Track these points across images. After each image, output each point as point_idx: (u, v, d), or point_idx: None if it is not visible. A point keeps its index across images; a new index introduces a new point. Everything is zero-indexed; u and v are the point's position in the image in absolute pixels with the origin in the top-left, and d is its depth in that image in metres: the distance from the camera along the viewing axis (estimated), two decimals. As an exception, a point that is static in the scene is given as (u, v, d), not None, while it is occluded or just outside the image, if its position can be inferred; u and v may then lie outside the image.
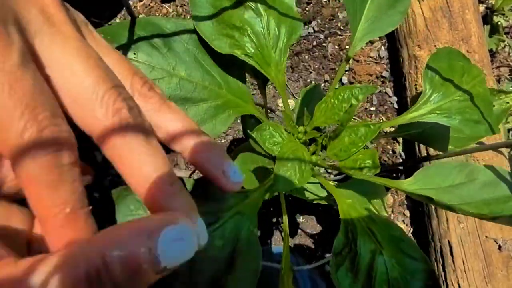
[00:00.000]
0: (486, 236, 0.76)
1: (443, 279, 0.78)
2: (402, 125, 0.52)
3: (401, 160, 0.83)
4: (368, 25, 0.38)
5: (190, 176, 0.75)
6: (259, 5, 0.35)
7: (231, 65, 0.36)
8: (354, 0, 0.36)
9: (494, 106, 0.50)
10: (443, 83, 0.39)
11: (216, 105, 0.32)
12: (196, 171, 0.76)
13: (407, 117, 0.39)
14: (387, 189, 0.81)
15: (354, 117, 0.84)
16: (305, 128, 0.37)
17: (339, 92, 0.34)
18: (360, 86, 0.34)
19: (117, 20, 0.88)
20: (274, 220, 0.78)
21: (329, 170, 0.67)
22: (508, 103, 0.51)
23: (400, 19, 0.38)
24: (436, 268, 0.80)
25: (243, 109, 0.34)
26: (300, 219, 0.78)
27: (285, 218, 0.35)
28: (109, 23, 0.82)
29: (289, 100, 0.82)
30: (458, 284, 0.76)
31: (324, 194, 0.55)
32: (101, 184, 0.73)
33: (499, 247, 0.76)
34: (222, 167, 0.21)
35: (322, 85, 0.85)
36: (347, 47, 0.86)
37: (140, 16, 0.86)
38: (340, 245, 0.31)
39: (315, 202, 0.53)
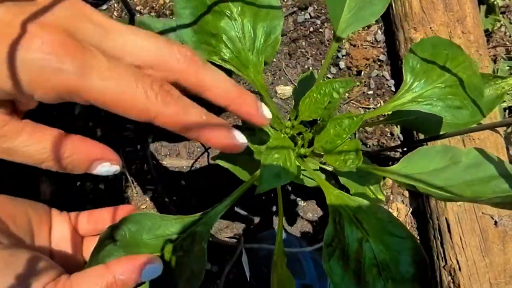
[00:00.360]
0: (482, 213, 0.78)
1: (442, 255, 0.81)
2: (395, 112, 0.53)
3: (399, 142, 0.84)
4: (350, 15, 0.39)
5: (192, 166, 0.78)
6: (233, 11, 0.36)
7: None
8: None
9: (489, 91, 0.51)
10: (425, 71, 0.40)
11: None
12: (198, 160, 0.78)
13: (390, 106, 0.40)
14: None
15: (352, 102, 0.86)
16: (292, 122, 0.38)
17: (321, 86, 0.35)
18: (341, 80, 0.35)
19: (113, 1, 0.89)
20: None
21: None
22: (504, 88, 0.51)
23: (384, 7, 0.39)
24: (435, 245, 0.82)
25: None
26: (302, 203, 0.80)
27: (280, 207, 0.37)
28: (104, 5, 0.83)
29: (287, 87, 0.84)
30: (457, 260, 0.79)
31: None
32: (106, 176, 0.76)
33: (495, 222, 0.78)
34: (255, 107, 0.29)
35: (320, 70, 0.87)
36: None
37: (138, 7, 0.87)
38: (330, 237, 0.33)
39: (312, 186, 0.55)
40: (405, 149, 0.84)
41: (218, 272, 0.80)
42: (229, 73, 0.38)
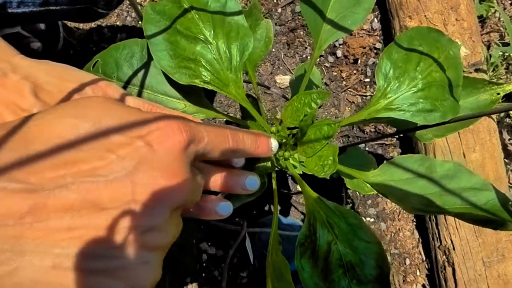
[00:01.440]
0: (475, 195, 0.81)
1: (437, 236, 0.85)
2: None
3: (395, 129, 0.87)
4: (331, 26, 0.40)
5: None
6: (207, 35, 0.38)
7: (191, 90, 0.40)
8: (313, 3, 0.38)
9: (484, 96, 0.49)
10: (397, 76, 0.40)
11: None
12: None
13: (364, 113, 0.41)
14: (381, 161, 0.86)
15: (350, 90, 0.88)
16: (277, 128, 0.40)
17: (301, 96, 0.37)
18: (318, 91, 0.37)
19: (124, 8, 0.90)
20: (285, 191, 0.84)
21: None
22: (499, 94, 0.49)
23: (365, 15, 0.40)
24: (430, 226, 0.86)
25: (204, 115, 0.40)
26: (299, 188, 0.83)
27: (275, 197, 0.39)
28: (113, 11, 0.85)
29: (285, 76, 0.86)
30: (451, 240, 0.83)
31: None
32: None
33: (488, 204, 0.81)
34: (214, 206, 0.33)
35: (318, 59, 0.89)
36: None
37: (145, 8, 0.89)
38: (303, 237, 0.35)
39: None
40: (401, 135, 0.87)
41: (223, 257, 0.84)
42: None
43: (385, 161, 0.41)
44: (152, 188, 0.22)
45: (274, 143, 0.36)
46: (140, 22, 0.93)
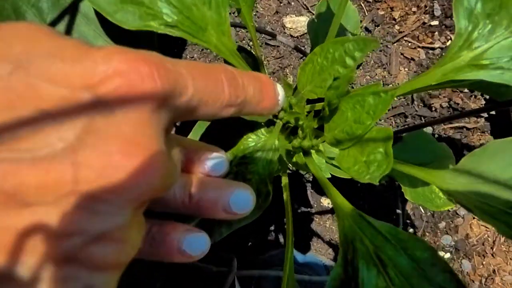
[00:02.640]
0: None
1: None
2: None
3: (483, 103, 0.55)
4: None
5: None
6: None
7: (140, 42, 0.29)
8: None
9: None
10: (489, 14, 0.27)
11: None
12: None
13: (436, 73, 0.28)
14: (459, 154, 0.55)
15: (406, 39, 0.59)
16: (289, 100, 0.27)
17: (328, 48, 0.27)
18: (356, 39, 0.25)
19: None
20: (302, 208, 0.55)
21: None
22: None
23: None
24: None
25: None
26: (327, 202, 0.53)
27: (288, 223, 0.27)
28: None
29: (300, 18, 0.55)
30: None
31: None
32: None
33: None
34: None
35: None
36: None
37: None
38: (337, 281, 0.25)
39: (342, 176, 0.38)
40: (493, 112, 0.55)
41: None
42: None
43: (469, 152, 0.28)
44: (105, 172, 0.15)
45: (281, 93, 0.25)
46: None
